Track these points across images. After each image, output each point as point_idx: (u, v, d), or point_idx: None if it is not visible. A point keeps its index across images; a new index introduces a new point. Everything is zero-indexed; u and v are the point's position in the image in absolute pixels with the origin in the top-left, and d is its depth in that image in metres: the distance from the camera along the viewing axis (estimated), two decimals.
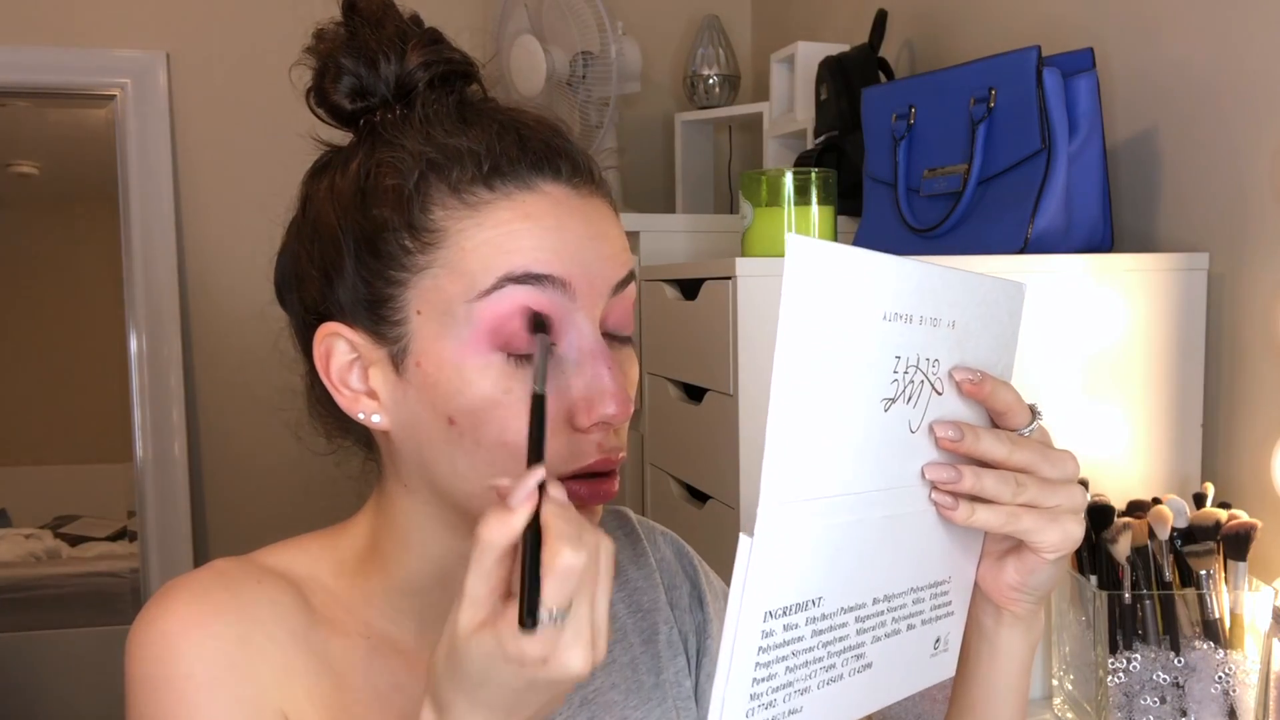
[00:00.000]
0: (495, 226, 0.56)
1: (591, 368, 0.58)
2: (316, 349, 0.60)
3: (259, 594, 0.61)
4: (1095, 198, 1.23)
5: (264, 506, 2.40)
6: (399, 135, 0.59)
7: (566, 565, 0.46)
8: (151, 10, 2.37)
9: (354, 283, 0.59)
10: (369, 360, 0.59)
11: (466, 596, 0.47)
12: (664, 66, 2.60)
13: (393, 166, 0.58)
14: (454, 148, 0.58)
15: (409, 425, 0.59)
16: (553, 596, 0.45)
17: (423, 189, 0.57)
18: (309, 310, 0.62)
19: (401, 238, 0.57)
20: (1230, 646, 0.98)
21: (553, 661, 0.46)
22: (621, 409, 0.57)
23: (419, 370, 0.57)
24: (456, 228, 0.57)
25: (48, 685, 3.19)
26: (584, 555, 0.46)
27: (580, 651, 0.46)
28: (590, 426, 0.57)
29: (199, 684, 0.57)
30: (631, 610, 0.74)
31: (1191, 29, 1.21)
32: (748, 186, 1.27)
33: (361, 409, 0.60)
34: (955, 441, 0.55)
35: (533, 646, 0.45)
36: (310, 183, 0.64)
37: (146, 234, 2.37)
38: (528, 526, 0.47)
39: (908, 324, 0.52)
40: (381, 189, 0.58)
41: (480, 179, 0.57)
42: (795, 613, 0.50)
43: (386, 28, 0.62)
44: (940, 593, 0.60)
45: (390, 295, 0.58)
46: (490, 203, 0.57)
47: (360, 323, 0.59)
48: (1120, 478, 1.15)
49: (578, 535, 0.46)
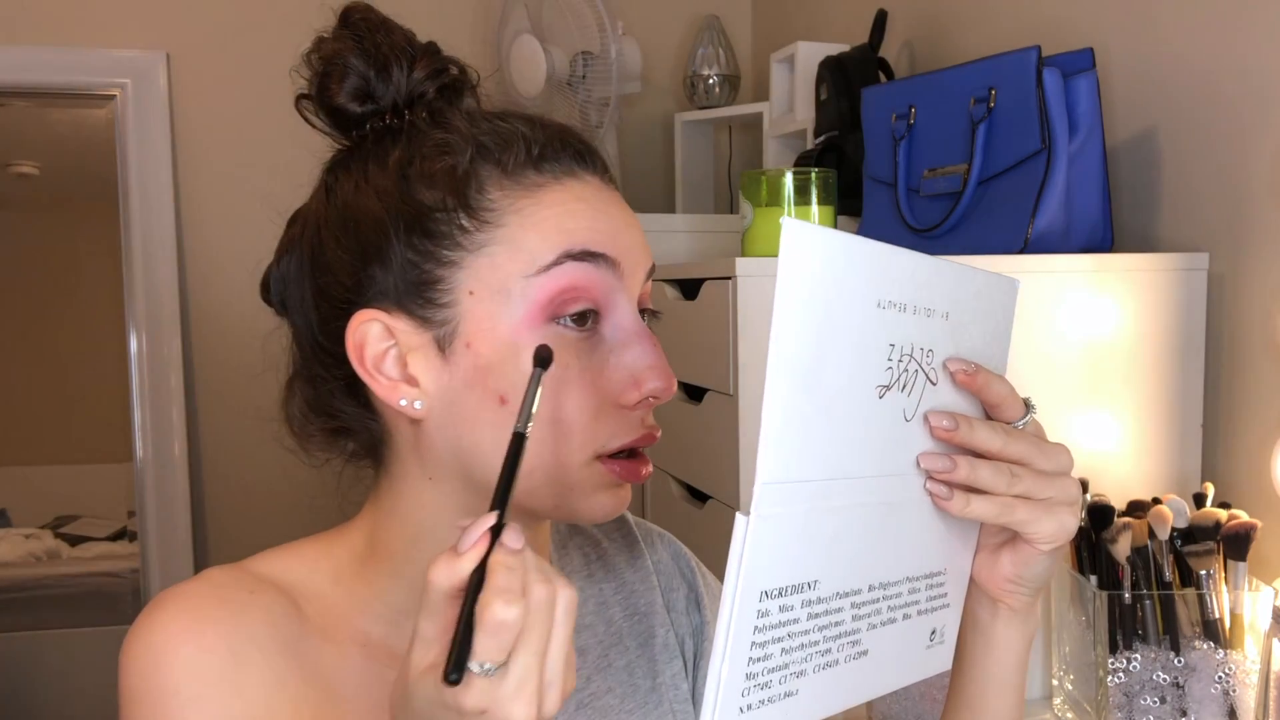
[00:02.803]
0: (553, 205, 0.58)
1: (638, 344, 0.59)
2: (350, 338, 0.59)
3: (251, 604, 0.61)
4: (1095, 198, 1.23)
5: (264, 506, 2.40)
6: (446, 121, 0.61)
7: (497, 620, 0.44)
8: (151, 10, 2.37)
9: (401, 267, 0.58)
10: (408, 346, 0.59)
11: (417, 635, 0.46)
12: (664, 66, 2.60)
13: (444, 149, 0.59)
14: (504, 131, 0.60)
15: (451, 409, 0.59)
16: (485, 650, 0.44)
17: (476, 170, 0.59)
18: (333, 302, 0.61)
19: (457, 218, 0.58)
20: (1230, 646, 0.98)
21: (492, 714, 0.44)
22: (668, 383, 0.59)
23: (469, 351, 0.58)
24: (514, 206, 0.58)
25: (48, 685, 3.19)
26: (516, 609, 0.44)
27: (523, 706, 0.44)
28: (638, 403, 0.59)
29: (187, 698, 0.57)
30: (628, 613, 0.74)
31: (1191, 29, 1.21)
32: (748, 186, 1.27)
33: (402, 395, 0.59)
34: (950, 431, 0.55)
35: (469, 698, 0.44)
36: (334, 174, 0.63)
37: (146, 234, 2.37)
38: (474, 572, 0.45)
39: (902, 313, 0.52)
40: (431, 172, 0.59)
41: (530, 162, 0.59)
42: (791, 594, 0.50)
43: (394, 35, 0.62)
44: (936, 584, 0.60)
45: (441, 276, 0.58)
46: (543, 185, 0.59)
47: (403, 308, 0.59)
48: (1120, 478, 1.15)
49: (518, 588, 0.45)
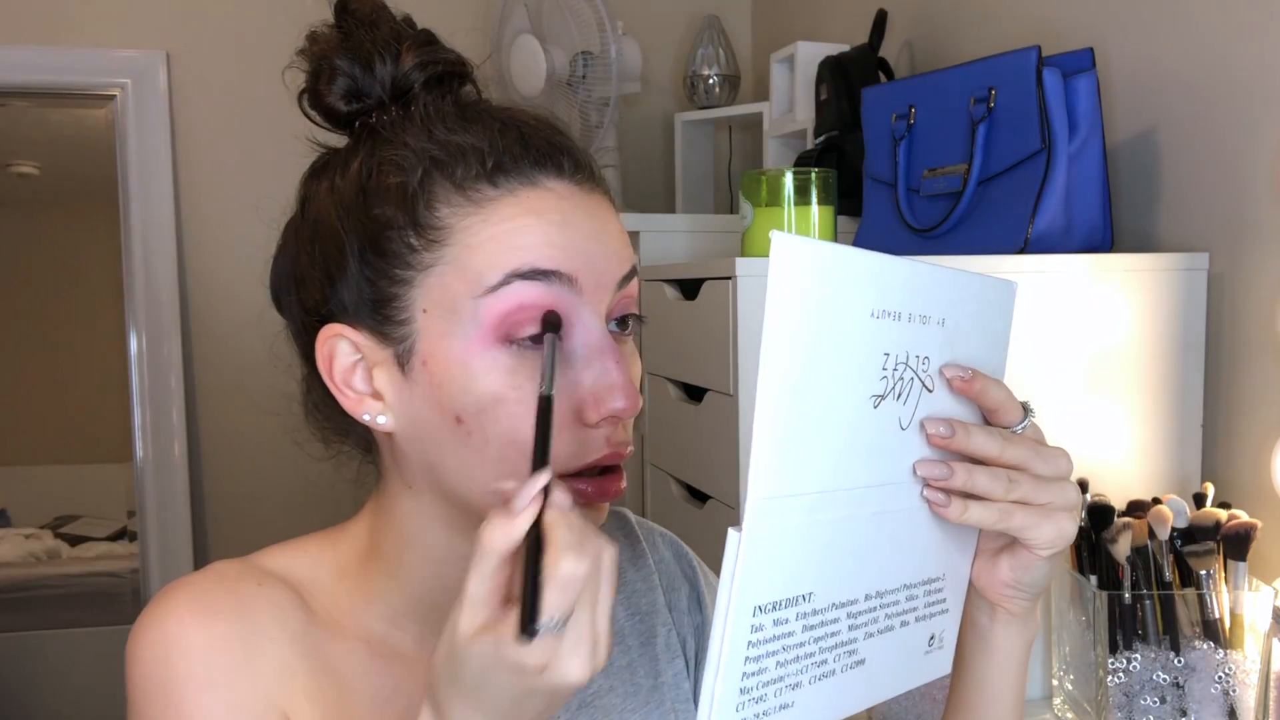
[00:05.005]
0: (501, 222, 0.56)
1: (599, 363, 0.57)
2: (319, 351, 0.59)
3: (259, 596, 0.61)
4: (1095, 198, 1.23)
5: (264, 506, 2.40)
6: (401, 133, 0.59)
7: (568, 574, 0.45)
8: (151, 10, 2.37)
9: (358, 283, 0.58)
10: (373, 361, 0.59)
11: (467, 599, 0.47)
12: (664, 66, 2.60)
13: (396, 165, 0.58)
14: (457, 145, 0.58)
15: (415, 426, 0.59)
16: (553, 605, 0.45)
17: (427, 186, 0.57)
18: (309, 313, 0.61)
19: (407, 236, 0.57)
20: (1230, 646, 0.98)
21: (552, 669, 0.46)
22: (630, 403, 0.57)
23: (425, 370, 0.57)
24: (462, 225, 0.56)
25: (48, 685, 3.19)
26: (585, 563, 0.46)
27: (580, 660, 0.46)
28: (599, 421, 0.57)
29: (199, 685, 0.57)
30: (630, 613, 0.74)
31: (1191, 29, 1.21)
32: (748, 186, 1.27)
33: (366, 410, 0.59)
34: (946, 438, 0.55)
35: (532, 654, 0.45)
36: (309, 184, 0.63)
37: (146, 234, 2.37)
38: (529, 532, 0.47)
39: (896, 321, 0.52)
40: (385, 188, 0.58)
41: (484, 176, 0.57)
42: (785, 607, 0.50)
43: (381, 29, 0.61)
44: (934, 590, 0.60)
45: (395, 294, 0.57)
46: (495, 199, 0.57)
47: (364, 324, 0.59)
48: (1120, 478, 1.15)
49: (580, 543, 0.46)
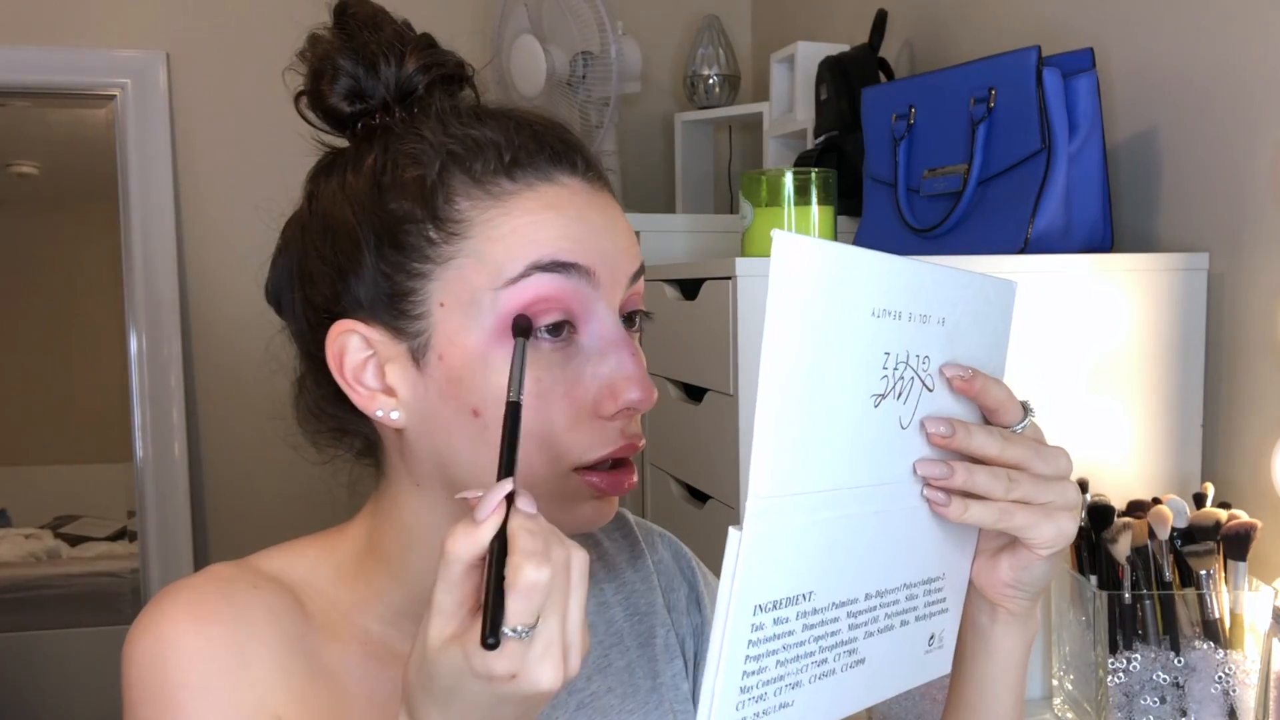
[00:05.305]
0: (521, 215, 0.57)
1: (615, 355, 0.58)
2: (329, 348, 0.59)
3: (255, 599, 0.61)
4: (1095, 198, 1.23)
5: (264, 506, 2.40)
6: (417, 128, 0.59)
7: (529, 582, 0.45)
8: (151, 10, 2.37)
9: (373, 278, 0.58)
10: (385, 357, 0.59)
11: (435, 609, 0.47)
12: (664, 66, 2.60)
13: (413, 159, 0.58)
14: (475, 139, 0.58)
15: (428, 420, 0.58)
16: (516, 614, 0.45)
17: (445, 180, 0.57)
18: (317, 310, 0.61)
19: (425, 229, 0.57)
20: (1230, 646, 0.98)
21: (522, 677, 0.45)
22: (645, 394, 0.58)
23: (441, 363, 0.57)
24: (482, 218, 0.57)
25: (48, 685, 3.19)
26: (547, 571, 0.45)
27: (550, 667, 0.45)
28: (615, 414, 0.58)
29: (194, 689, 0.57)
30: (628, 613, 0.74)
31: (1191, 29, 1.21)
32: (748, 186, 1.27)
33: (378, 407, 0.59)
34: (946, 437, 0.55)
35: (499, 663, 0.45)
36: (317, 181, 0.63)
37: (146, 234, 2.37)
38: (494, 539, 0.46)
39: (896, 320, 0.52)
40: (402, 181, 0.58)
41: (502, 170, 0.58)
42: (785, 607, 0.50)
43: (383, 31, 0.62)
44: (934, 589, 0.60)
45: (412, 288, 0.57)
46: (514, 193, 0.57)
47: (378, 319, 0.58)
48: (1120, 478, 1.15)
49: (544, 550, 0.46)
